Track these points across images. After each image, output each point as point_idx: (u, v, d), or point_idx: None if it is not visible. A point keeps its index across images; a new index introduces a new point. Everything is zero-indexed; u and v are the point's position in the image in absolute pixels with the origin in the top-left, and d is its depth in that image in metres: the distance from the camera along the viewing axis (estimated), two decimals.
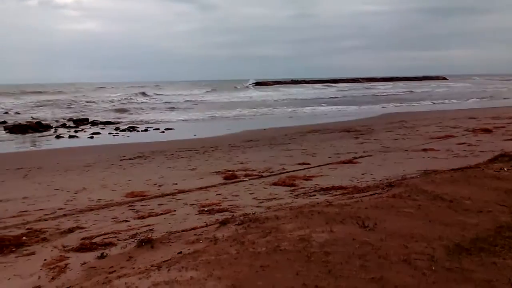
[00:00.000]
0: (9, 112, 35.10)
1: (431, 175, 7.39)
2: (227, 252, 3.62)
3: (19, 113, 34.25)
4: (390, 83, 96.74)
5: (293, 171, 9.54)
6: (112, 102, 45.93)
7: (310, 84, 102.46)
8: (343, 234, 3.93)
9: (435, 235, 4.04)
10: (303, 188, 7.69)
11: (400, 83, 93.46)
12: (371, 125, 19.50)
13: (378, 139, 14.61)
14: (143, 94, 57.66)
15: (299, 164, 10.37)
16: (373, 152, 11.74)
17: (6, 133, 22.46)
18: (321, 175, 8.87)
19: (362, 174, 8.70)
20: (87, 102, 45.84)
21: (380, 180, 7.74)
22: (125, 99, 49.05)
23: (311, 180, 8.39)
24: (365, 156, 11.24)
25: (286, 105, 38.87)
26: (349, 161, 10.47)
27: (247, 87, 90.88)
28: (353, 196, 6.22)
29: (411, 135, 15.29)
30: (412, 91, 60.69)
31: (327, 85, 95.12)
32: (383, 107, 34.75)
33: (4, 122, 26.37)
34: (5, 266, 4.60)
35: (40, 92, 68.06)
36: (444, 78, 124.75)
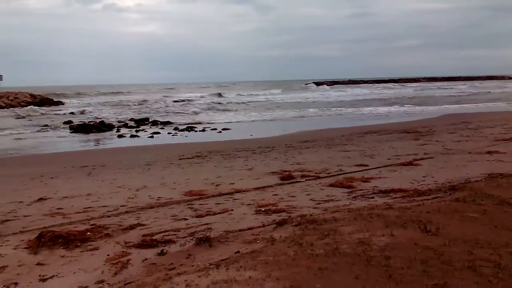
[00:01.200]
0: (75, 112, 36.72)
1: (497, 179, 7.07)
2: (285, 253, 3.61)
3: (84, 113, 35.77)
4: (452, 83, 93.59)
5: (351, 172, 9.39)
6: (176, 103, 47.07)
7: (369, 84, 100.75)
8: (404, 238, 3.82)
9: (501, 241, 3.86)
10: (361, 190, 7.55)
11: (462, 83, 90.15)
12: (432, 126, 18.91)
13: (439, 140, 14.13)
14: (219, 95, 58.75)
15: (357, 165, 10.20)
16: (435, 154, 11.36)
17: (71, 132, 23.49)
18: (380, 177, 8.67)
19: (423, 177, 8.43)
20: (149, 102, 47.26)
21: (442, 183, 7.49)
22: (185, 100, 50.12)
23: (369, 182, 8.22)
24: (426, 158, 10.89)
25: (345, 106, 38.40)
26: (409, 163, 10.17)
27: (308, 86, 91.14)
28: (413, 200, 6.06)
29: (475, 136, 14.68)
30: (475, 92, 58.35)
31: (386, 85, 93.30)
32: (445, 107, 33.62)
33: (70, 122, 27.57)
34: (70, 260, 4.80)
35: (102, 93, 70.85)
36: (510, 78, 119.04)
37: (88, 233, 5.57)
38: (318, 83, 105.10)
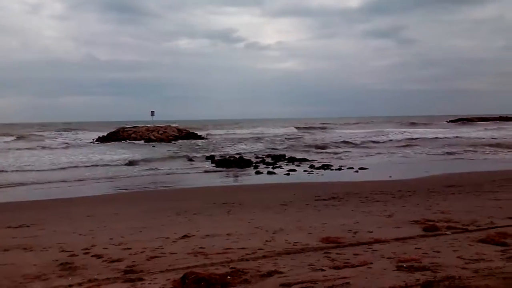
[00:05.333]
0: (216, 146, 38.81)
1: None
2: None
3: (224, 147, 37.63)
4: None
5: (504, 226, 8.51)
6: (314, 136, 47.60)
7: None
8: None
9: None
10: None
11: None
12: None
13: None
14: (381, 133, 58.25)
15: (510, 218, 9.23)
16: None
17: (213, 166, 24.81)
18: None
19: None
20: (285, 137, 48.36)
21: None
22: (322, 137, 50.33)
23: None
24: None
25: (492, 146, 35.44)
26: None
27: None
28: None
29: None
30: None
31: None
32: None
33: (212, 156, 29.18)
34: None
35: (242, 127, 74.21)
36: None
37: (228, 277, 5.70)
38: (465, 119, 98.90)
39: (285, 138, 48.23)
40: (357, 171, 21.31)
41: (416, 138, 45.39)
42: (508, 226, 8.55)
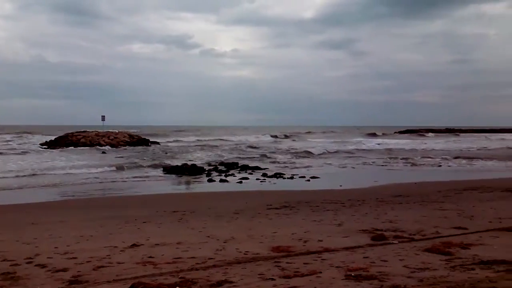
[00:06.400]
0: (168, 153, 38.37)
1: None
2: None
3: (177, 154, 37.25)
4: None
5: (448, 236, 8.79)
6: (267, 145, 47.84)
7: (469, 134, 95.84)
8: None
9: None
10: (460, 258, 6.99)
11: None
12: None
13: None
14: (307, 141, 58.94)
15: (455, 228, 9.54)
16: None
17: (164, 174, 24.49)
18: (481, 244, 8.00)
19: None
20: (239, 145, 48.39)
21: None
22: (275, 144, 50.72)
23: (469, 249, 7.61)
24: None
25: (441, 156, 36.69)
26: None
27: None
28: None
29: None
30: None
31: (488, 135, 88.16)
32: None
33: (163, 163, 28.82)
34: None
35: (195, 134, 73.78)
36: None
37: (177, 287, 5.60)
38: (414, 130, 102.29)
39: (239, 146, 48.29)
40: (308, 180, 21.54)
41: (368, 150, 46.40)
42: (452, 235, 8.84)
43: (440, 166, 29.47)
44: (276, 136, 73.44)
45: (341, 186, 18.86)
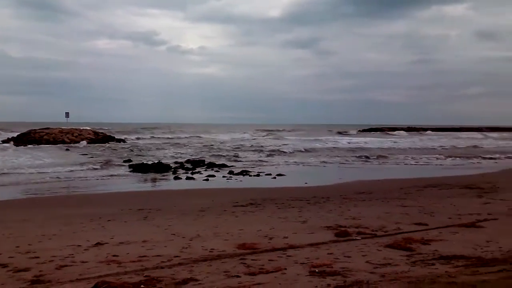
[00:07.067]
0: (134, 150, 37.92)
1: None
2: None
3: (143, 151, 36.87)
4: None
5: (410, 232, 9.04)
6: (234, 143, 47.81)
7: (431, 132, 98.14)
8: None
9: None
10: (421, 254, 7.21)
11: None
12: (496, 182, 18.05)
13: (504, 199, 13.42)
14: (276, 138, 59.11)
15: (416, 224, 9.81)
16: (499, 216, 10.75)
17: (130, 171, 24.20)
18: (441, 239, 8.27)
19: (487, 242, 7.96)
20: (205, 143, 48.22)
21: (508, 251, 7.07)
22: (250, 139, 50.74)
23: (429, 244, 7.85)
24: (490, 219, 10.33)
25: (403, 154, 37.49)
26: (472, 224, 9.67)
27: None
28: (477, 271, 5.72)
29: None
30: None
31: (447, 134, 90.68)
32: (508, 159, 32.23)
33: (129, 160, 28.46)
34: None
35: (162, 132, 73.09)
36: None
37: (142, 286, 5.58)
38: (375, 129, 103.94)
39: (208, 143, 48.12)
40: (274, 178, 21.66)
41: (337, 148, 46.88)
42: (413, 231, 9.09)
43: (405, 164, 30.09)
44: (245, 133, 73.41)
45: (306, 183, 19.06)
